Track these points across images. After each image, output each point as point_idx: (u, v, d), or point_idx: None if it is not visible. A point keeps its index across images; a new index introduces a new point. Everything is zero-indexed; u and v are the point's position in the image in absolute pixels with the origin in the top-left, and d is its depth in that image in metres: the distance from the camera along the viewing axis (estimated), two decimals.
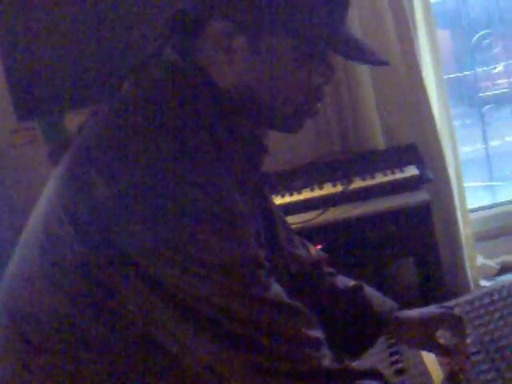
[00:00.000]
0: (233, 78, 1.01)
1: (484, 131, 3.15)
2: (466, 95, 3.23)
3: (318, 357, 0.95)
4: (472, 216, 2.78)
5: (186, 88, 1.00)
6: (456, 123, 2.85)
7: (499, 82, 3.26)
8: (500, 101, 3.25)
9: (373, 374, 1.00)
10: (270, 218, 1.23)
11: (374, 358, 1.32)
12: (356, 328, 1.28)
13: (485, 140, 3.17)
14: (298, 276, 1.29)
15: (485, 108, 3.16)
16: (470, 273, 2.62)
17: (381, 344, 1.34)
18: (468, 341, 1.24)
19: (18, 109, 2.51)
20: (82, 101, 2.47)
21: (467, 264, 2.61)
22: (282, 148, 2.46)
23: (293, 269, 1.28)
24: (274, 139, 1.17)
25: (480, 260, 2.72)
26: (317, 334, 0.97)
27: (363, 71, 2.48)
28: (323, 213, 2.32)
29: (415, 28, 2.57)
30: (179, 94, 0.99)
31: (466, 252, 2.62)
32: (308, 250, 1.36)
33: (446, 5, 3.04)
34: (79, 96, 2.50)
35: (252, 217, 1.05)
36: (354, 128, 2.53)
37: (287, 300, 0.96)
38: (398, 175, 2.38)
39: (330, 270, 1.35)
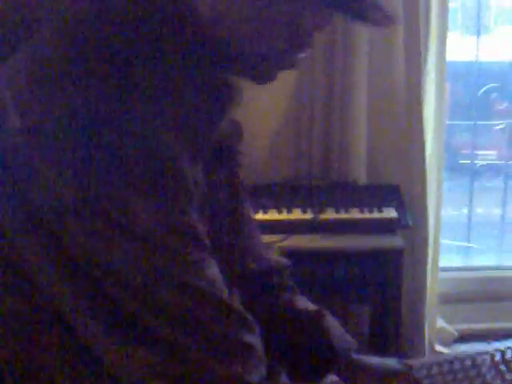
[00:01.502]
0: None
1: (471, 197, 2.99)
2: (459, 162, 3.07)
3: (244, 370, 0.78)
4: (441, 275, 2.60)
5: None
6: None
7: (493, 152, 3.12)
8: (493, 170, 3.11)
9: None
10: (236, 198, 1.02)
11: None
12: (306, 356, 1.11)
13: (470, 204, 3.00)
14: (255, 276, 1.13)
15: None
16: (427, 334, 2.44)
17: None
18: None
19: None
20: None
21: (426, 324, 2.43)
22: (256, 160, 2.27)
23: (252, 265, 1.12)
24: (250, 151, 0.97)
25: (440, 323, 2.54)
26: (251, 340, 0.80)
27: (360, 99, 2.31)
28: (286, 239, 2.13)
29: (426, 68, 2.39)
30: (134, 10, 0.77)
31: (428, 312, 2.44)
32: (271, 254, 1.19)
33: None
34: None
35: (202, 185, 0.84)
36: (338, 155, 2.33)
37: (221, 290, 0.79)
38: (375, 215, 2.21)
39: (291, 283, 1.18)
